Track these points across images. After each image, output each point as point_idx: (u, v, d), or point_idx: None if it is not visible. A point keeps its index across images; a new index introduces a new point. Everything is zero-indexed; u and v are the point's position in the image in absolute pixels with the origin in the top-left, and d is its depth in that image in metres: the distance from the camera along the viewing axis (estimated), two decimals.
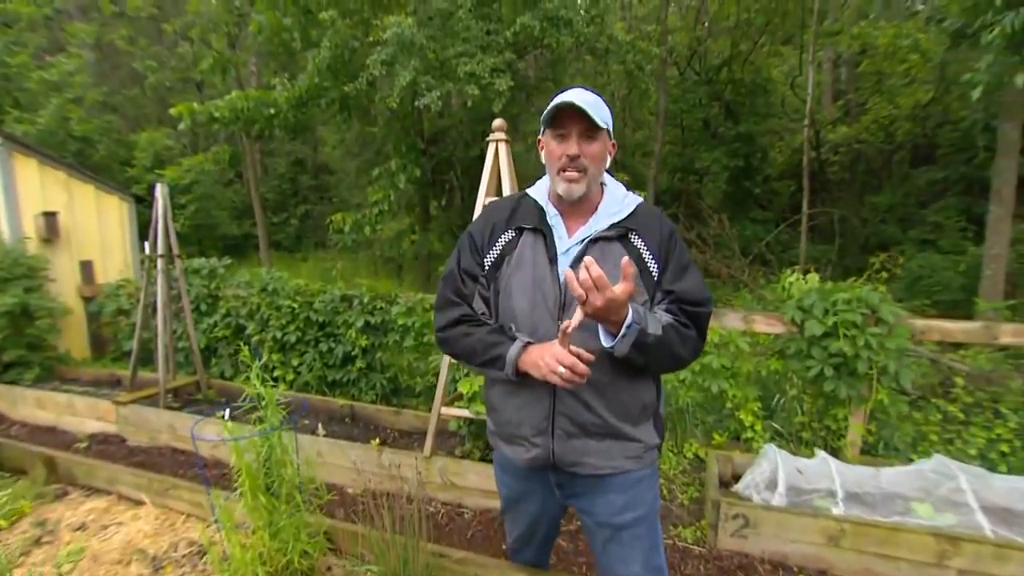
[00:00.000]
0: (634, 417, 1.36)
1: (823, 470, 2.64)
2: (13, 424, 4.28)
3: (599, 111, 1.28)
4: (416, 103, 5.57)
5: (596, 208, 1.37)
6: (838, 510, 2.44)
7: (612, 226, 1.33)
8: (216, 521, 1.72)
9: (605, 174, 1.43)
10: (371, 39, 5.60)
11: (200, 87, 12.58)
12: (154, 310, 4.22)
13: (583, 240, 1.33)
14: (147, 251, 4.18)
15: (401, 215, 10.49)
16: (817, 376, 3.09)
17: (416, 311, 4.17)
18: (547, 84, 8.01)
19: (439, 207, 10.45)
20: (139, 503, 2.54)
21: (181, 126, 6.54)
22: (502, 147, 2.88)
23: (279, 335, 4.49)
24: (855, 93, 11.85)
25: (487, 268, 1.40)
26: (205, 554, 2.13)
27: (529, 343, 1.28)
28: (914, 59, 9.25)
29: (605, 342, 1.21)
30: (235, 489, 1.72)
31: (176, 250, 4.20)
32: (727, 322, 3.43)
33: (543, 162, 1.41)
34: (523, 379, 1.29)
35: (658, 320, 1.24)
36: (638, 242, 1.33)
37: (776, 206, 12.45)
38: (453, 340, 1.39)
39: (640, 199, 1.42)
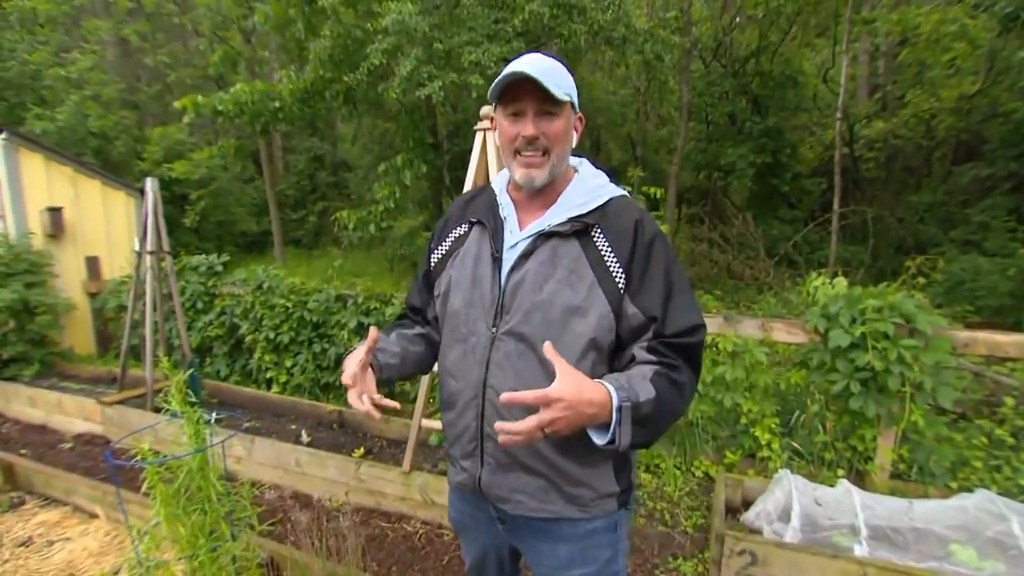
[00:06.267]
0: (581, 456, 1.08)
1: (845, 502, 2.32)
2: (6, 421, 4.23)
3: (560, 81, 1.04)
4: (417, 94, 5.35)
5: (558, 198, 1.13)
6: (861, 550, 2.12)
7: (570, 220, 1.08)
8: (136, 552, 1.52)
9: (583, 159, 1.20)
10: (371, 27, 5.40)
11: (219, 83, 12.62)
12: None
13: (532, 235, 1.09)
14: (137, 247, 4.07)
15: (414, 211, 10.30)
16: (842, 392, 2.78)
17: None
18: None
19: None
20: (93, 516, 2.38)
21: (186, 119, 6.48)
22: (490, 136, 2.63)
23: (272, 335, 4.34)
24: (893, 86, 11.17)
25: (433, 266, 1.23)
26: None
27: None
28: (959, 47, 8.61)
29: (598, 440, 0.94)
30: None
31: (167, 246, 4.07)
32: (743, 329, 3.14)
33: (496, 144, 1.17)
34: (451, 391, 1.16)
35: (643, 378, 0.97)
36: (601, 241, 1.07)
37: (805, 205, 11.87)
38: None
39: (620, 191, 1.16)
